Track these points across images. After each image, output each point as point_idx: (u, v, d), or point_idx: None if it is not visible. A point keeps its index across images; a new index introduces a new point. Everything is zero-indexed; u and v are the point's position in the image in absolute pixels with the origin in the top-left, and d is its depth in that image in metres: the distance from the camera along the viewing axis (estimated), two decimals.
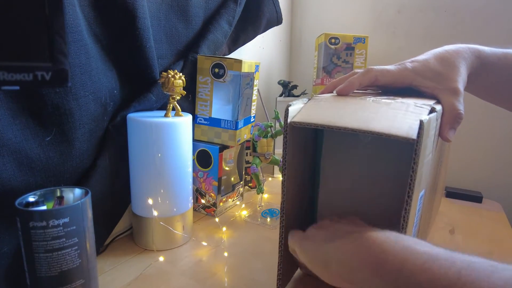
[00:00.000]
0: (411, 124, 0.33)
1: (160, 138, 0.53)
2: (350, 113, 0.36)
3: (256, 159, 0.70)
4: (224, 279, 0.50)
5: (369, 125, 0.34)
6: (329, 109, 0.39)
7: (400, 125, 0.33)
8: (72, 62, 0.43)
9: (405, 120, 0.33)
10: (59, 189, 0.43)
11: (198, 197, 0.72)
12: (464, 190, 0.85)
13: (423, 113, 0.35)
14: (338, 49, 0.90)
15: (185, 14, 0.64)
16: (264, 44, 1.04)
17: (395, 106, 0.36)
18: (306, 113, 0.39)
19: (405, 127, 0.32)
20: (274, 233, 0.65)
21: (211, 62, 0.65)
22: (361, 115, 0.36)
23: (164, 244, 0.57)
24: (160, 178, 0.54)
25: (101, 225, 0.53)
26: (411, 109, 0.35)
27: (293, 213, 0.44)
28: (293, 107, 0.40)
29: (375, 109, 0.36)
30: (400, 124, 0.33)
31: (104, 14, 0.49)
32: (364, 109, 0.37)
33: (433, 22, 0.93)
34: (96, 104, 0.48)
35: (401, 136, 0.31)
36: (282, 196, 0.41)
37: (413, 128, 0.32)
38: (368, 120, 0.34)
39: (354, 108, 0.38)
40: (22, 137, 0.42)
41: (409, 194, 0.34)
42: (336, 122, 0.35)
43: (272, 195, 0.83)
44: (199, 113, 0.69)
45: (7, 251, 0.42)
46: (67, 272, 0.38)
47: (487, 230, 0.69)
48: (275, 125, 0.72)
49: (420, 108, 0.35)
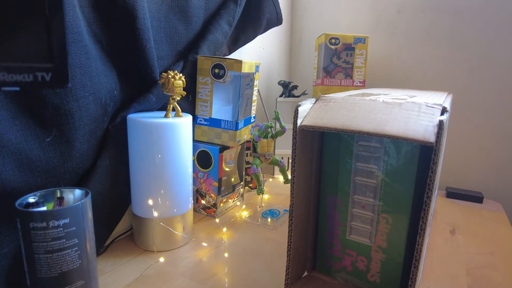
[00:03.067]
0: (426, 126, 0.32)
1: (160, 138, 0.53)
2: (362, 115, 0.36)
3: (256, 160, 0.70)
4: (225, 280, 0.50)
5: (384, 128, 0.33)
6: (340, 112, 0.38)
7: (415, 127, 0.32)
8: (72, 63, 0.43)
9: (419, 122, 0.33)
10: (59, 190, 0.43)
11: (198, 197, 0.71)
12: (465, 190, 0.85)
13: (435, 113, 0.34)
14: (338, 49, 0.90)
15: (185, 15, 0.64)
16: (264, 45, 1.04)
17: (407, 106, 0.36)
18: (316, 116, 0.38)
19: (421, 130, 0.32)
20: (275, 234, 0.65)
21: (211, 62, 0.65)
22: (374, 117, 0.35)
23: (164, 245, 0.57)
24: (160, 178, 0.54)
25: (102, 226, 0.53)
26: (424, 109, 0.35)
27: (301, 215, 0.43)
28: (303, 107, 0.39)
29: (387, 111, 0.35)
30: (415, 126, 0.32)
31: (104, 15, 0.49)
32: (376, 110, 0.36)
33: (433, 22, 0.93)
34: (96, 104, 0.48)
35: (419, 140, 0.31)
36: (291, 198, 0.41)
37: (429, 130, 0.31)
38: (382, 122, 0.34)
39: (365, 109, 0.37)
40: (22, 138, 0.42)
41: (428, 195, 0.33)
42: (349, 125, 0.35)
43: (273, 195, 0.83)
44: (199, 113, 0.69)
45: (7, 252, 0.42)
46: (67, 273, 0.38)
47: (488, 230, 0.69)
48: (275, 126, 0.72)
49: (432, 108, 0.35)
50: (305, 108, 0.40)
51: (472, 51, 0.90)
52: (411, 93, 0.50)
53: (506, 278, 0.53)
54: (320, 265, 0.48)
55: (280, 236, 0.64)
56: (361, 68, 0.91)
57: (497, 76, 0.88)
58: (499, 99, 0.88)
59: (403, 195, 0.40)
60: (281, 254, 0.57)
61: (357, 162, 0.43)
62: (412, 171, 0.39)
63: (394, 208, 0.41)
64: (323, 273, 0.48)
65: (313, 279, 0.47)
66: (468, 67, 0.91)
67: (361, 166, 0.43)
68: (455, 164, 0.86)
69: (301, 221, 0.43)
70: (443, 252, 0.60)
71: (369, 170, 0.42)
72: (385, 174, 0.41)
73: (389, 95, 0.43)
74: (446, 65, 0.93)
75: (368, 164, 0.42)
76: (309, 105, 0.41)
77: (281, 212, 0.74)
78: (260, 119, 0.96)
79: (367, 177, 0.43)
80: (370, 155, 0.42)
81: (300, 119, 0.39)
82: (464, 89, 0.91)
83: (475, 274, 0.33)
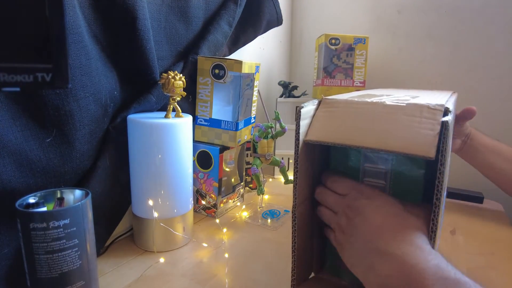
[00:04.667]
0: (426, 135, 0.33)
1: (161, 139, 0.53)
2: (366, 126, 0.36)
3: (256, 160, 0.70)
4: (225, 280, 0.50)
5: (387, 142, 0.34)
6: (344, 122, 0.38)
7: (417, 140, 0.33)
8: (72, 64, 0.43)
9: (421, 131, 0.33)
10: (60, 191, 0.43)
11: (198, 198, 0.71)
12: (465, 191, 0.85)
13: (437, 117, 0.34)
14: (339, 49, 0.90)
15: (185, 15, 0.64)
16: (265, 45, 1.04)
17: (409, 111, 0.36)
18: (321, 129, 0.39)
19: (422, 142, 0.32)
20: (275, 234, 0.65)
21: (211, 63, 0.65)
22: (378, 129, 0.36)
23: (164, 245, 0.57)
24: (160, 179, 0.54)
25: (102, 226, 0.53)
26: (425, 113, 0.35)
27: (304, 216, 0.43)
28: (305, 109, 0.39)
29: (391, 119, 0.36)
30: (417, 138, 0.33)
31: (105, 15, 0.49)
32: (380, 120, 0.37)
33: (433, 22, 0.93)
34: (96, 105, 0.48)
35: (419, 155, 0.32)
36: (294, 200, 0.40)
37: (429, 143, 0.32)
38: (385, 136, 0.35)
39: (368, 118, 0.37)
40: (23, 139, 0.42)
41: (437, 197, 0.33)
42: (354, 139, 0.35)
43: (273, 196, 0.83)
44: (199, 114, 0.69)
45: (7, 253, 0.42)
46: (67, 273, 0.38)
47: (488, 231, 0.68)
48: (275, 126, 0.72)
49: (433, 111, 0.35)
50: (307, 110, 0.39)
51: (472, 51, 0.90)
52: (414, 94, 0.49)
53: (506, 278, 0.53)
54: (328, 265, 0.48)
55: (280, 236, 0.64)
56: (361, 69, 0.91)
57: (497, 76, 0.88)
58: (499, 99, 0.88)
59: (412, 197, 0.40)
60: (282, 254, 0.57)
61: (365, 163, 0.43)
62: (420, 173, 0.40)
63: None
64: (331, 273, 0.47)
65: (320, 281, 0.47)
66: (468, 67, 0.91)
67: (369, 167, 0.43)
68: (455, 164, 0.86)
69: (305, 222, 0.43)
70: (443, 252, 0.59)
71: (378, 171, 0.42)
72: (393, 175, 0.41)
73: (392, 96, 0.43)
74: (446, 65, 0.93)
75: (376, 165, 0.42)
76: (311, 106, 0.40)
77: (281, 212, 0.74)
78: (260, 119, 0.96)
79: (376, 177, 0.43)
80: (378, 157, 0.42)
81: (302, 121, 0.38)
82: (464, 89, 0.90)
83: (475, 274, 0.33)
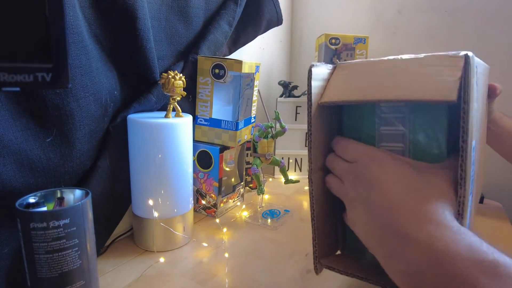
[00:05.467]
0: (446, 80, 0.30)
1: (161, 139, 0.53)
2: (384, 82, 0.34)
3: (256, 160, 0.70)
4: (225, 280, 0.50)
5: (405, 92, 0.32)
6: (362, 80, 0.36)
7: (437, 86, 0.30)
8: (72, 63, 0.43)
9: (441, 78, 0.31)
10: (60, 190, 0.43)
11: (198, 198, 0.71)
12: None
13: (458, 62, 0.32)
14: (339, 49, 0.90)
15: (185, 15, 0.64)
16: (265, 45, 1.04)
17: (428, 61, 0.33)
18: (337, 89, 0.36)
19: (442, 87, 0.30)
20: (275, 234, 0.65)
21: (212, 62, 0.65)
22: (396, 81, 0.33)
23: (164, 245, 0.57)
24: (160, 179, 0.54)
25: (102, 226, 0.53)
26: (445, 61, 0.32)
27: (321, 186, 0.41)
28: (316, 69, 0.37)
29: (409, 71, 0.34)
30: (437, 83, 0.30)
31: (105, 15, 0.49)
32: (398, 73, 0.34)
33: (433, 22, 0.93)
34: (96, 105, 0.48)
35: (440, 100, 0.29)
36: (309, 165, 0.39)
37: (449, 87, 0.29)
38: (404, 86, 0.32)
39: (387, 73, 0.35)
40: (23, 138, 0.42)
41: (464, 138, 0.30)
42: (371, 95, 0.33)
43: (273, 196, 0.83)
44: (199, 113, 0.69)
45: (7, 252, 0.42)
46: (67, 273, 0.38)
47: (488, 231, 0.68)
48: (275, 126, 0.72)
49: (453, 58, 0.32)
50: (320, 71, 0.38)
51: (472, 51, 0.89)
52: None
53: None
54: (347, 247, 0.46)
55: (280, 236, 0.64)
56: None
57: (497, 76, 0.88)
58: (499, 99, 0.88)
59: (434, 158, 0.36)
60: (282, 254, 0.57)
61: (381, 126, 0.39)
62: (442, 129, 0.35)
63: None
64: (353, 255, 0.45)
65: (344, 258, 0.45)
66: None
67: (385, 130, 0.39)
68: None
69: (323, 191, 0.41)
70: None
71: (394, 133, 0.38)
72: (412, 135, 0.37)
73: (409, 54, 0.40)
74: None
75: (392, 127, 0.38)
76: (324, 68, 0.39)
77: (281, 212, 0.74)
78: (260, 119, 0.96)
79: (393, 140, 0.38)
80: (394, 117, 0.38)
81: (314, 82, 0.37)
82: None
83: None
